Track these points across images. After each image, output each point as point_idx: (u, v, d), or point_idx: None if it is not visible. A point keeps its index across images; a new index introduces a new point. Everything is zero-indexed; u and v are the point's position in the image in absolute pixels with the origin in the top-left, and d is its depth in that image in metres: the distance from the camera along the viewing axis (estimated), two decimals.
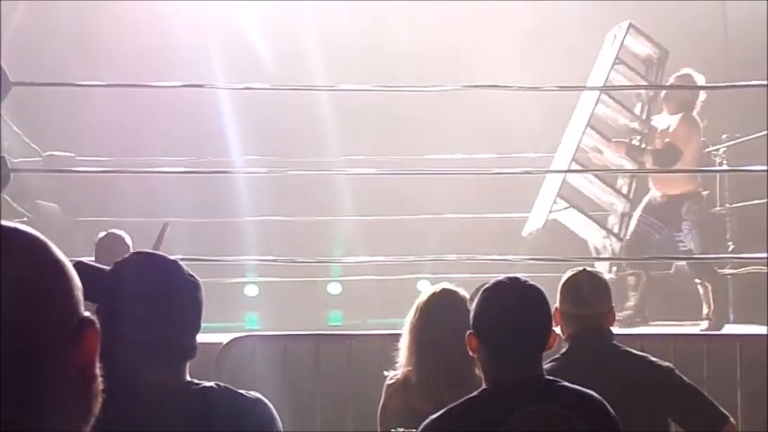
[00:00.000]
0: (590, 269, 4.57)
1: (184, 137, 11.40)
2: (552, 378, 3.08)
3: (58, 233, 10.29)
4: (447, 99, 10.63)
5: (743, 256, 9.84)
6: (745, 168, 9.76)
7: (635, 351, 4.33)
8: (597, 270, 4.66)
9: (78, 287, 1.16)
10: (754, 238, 9.23)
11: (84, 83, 8.73)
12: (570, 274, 4.45)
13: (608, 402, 3.06)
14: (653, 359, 4.29)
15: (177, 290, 2.61)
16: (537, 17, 10.76)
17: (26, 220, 10.32)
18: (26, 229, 1.15)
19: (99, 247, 7.06)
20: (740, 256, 9.93)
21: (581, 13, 10.93)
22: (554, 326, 3.20)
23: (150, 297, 2.57)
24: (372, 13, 12.04)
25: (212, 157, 11.32)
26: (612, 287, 4.56)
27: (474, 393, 3.06)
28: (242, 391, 2.63)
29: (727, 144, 10.47)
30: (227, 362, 6.08)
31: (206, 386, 2.59)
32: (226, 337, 6.37)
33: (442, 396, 3.57)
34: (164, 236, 6.84)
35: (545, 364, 3.20)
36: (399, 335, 4.37)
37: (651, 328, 8.59)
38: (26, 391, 1.09)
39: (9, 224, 1.15)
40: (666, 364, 4.31)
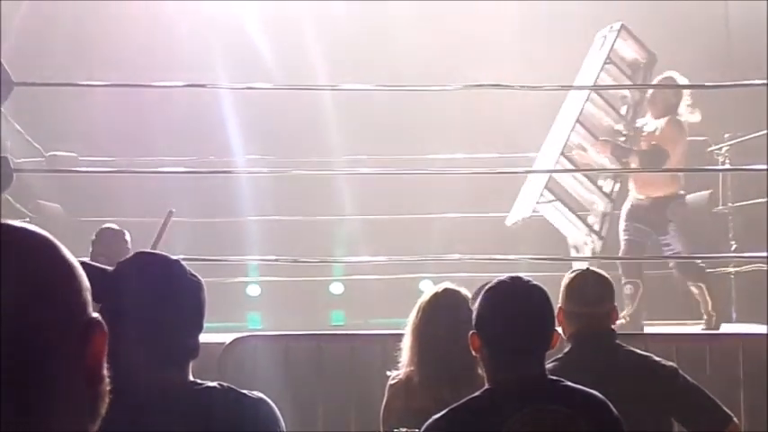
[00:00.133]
0: (594, 269, 4.57)
1: (187, 136, 11.40)
2: (555, 378, 3.08)
3: (60, 233, 10.30)
4: (450, 99, 10.62)
5: (742, 255, 9.84)
6: (745, 168, 9.76)
7: (638, 351, 4.33)
8: (601, 270, 4.63)
9: (87, 288, 1.16)
10: (758, 237, 9.22)
11: (87, 83, 8.74)
12: (575, 273, 4.44)
13: (611, 402, 3.06)
14: (656, 359, 4.28)
15: (180, 290, 2.61)
16: (539, 17, 10.76)
17: (29, 221, 10.32)
18: (36, 230, 1.15)
19: (96, 242, 7.03)
20: (740, 255, 9.93)
21: (584, 13, 10.92)
22: (556, 325, 3.19)
23: (153, 297, 2.57)
24: (375, 13, 12.04)
25: (215, 156, 11.32)
26: None
27: (476, 393, 3.06)
28: (245, 391, 2.62)
29: (729, 143, 10.47)
30: (229, 361, 6.08)
31: (209, 386, 2.59)
32: (228, 337, 6.37)
33: (445, 396, 3.57)
34: (168, 224, 6.85)
35: (547, 364, 3.19)
36: (401, 335, 4.36)
37: (654, 328, 8.57)
38: (34, 391, 1.09)
39: (19, 224, 1.15)
40: (670, 363, 4.31)
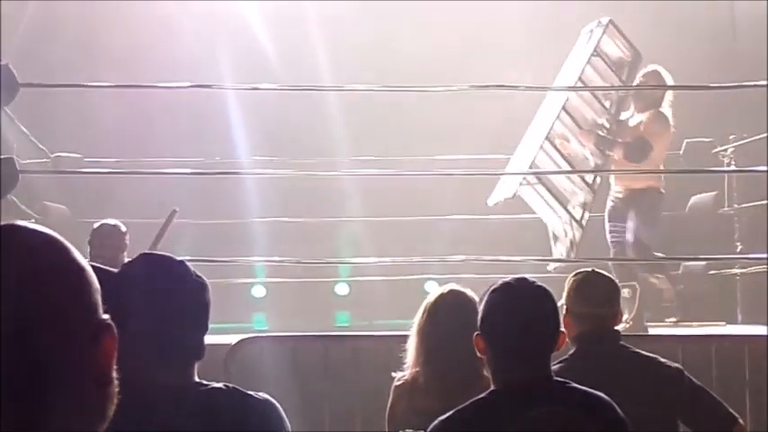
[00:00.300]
0: (598, 270, 4.57)
1: (192, 137, 11.41)
2: (561, 379, 3.08)
3: (66, 235, 10.31)
4: (454, 99, 10.62)
5: (746, 256, 9.83)
6: (745, 169, 9.74)
7: (643, 352, 4.32)
8: (604, 271, 4.63)
9: (97, 290, 1.17)
10: (763, 239, 9.21)
11: (92, 84, 8.74)
12: (581, 274, 4.44)
13: (616, 403, 3.06)
14: (662, 360, 4.28)
15: (184, 290, 2.62)
16: (543, 17, 10.75)
17: (34, 222, 10.32)
18: (47, 232, 1.15)
19: (94, 238, 6.99)
20: (743, 256, 9.91)
21: (587, 13, 10.91)
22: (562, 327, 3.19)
23: (158, 298, 2.57)
24: (380, 14, 12.04)
25: (220, 157, 11.33)
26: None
27: (482, 395, 3.06)
28: (250, 392, 2.63)
29: (734, 144, 10.46)
30: (235, 363, 6.08)
31: (214, 387, 2.59)
32: (234, 338, 6.38)
33: (450, 397, 3.56)
34: (170, 223, 6.85)
35: (553, 365, 3.19)
36: (407, 336, 4.36)
37: (659, 329, 8.56)
38: (44, 392, 1.10)
39: (30, 226, 1.15)
40: (675, 365, 4.31)
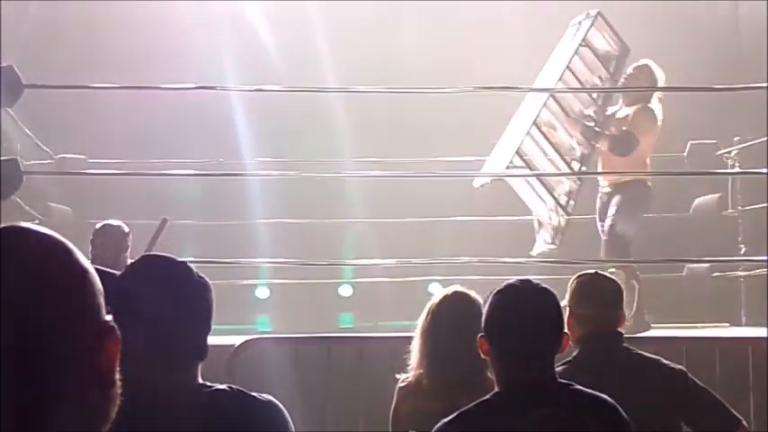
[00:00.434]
0: (601, 272, 4.57)
1: (196, 138, 11.41)
2: (565, 381, 3.08)
3: (69, 236, 10.32)
4: (458, 101, 10.62)
5: (745, 258, 9.82)
6: (745, 171, 9.73)
7: (647, 354, 4.32)
8: (608, 273, 4.63)
9: (101, 292, 1.17)
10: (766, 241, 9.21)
11: (96, 85, 8.75)
12: (585, 276, 4.44)
13: (620, 405, 3.06)
14: (665, 362, 4.28)
15: (186, 291, 2.62)
16: (546, 17, 10.74)
17: (38, 223, 10.33)
18: (51, 233, 1.16)
19: (96, 238, 6.98)
20: (742, 258, 9.91)
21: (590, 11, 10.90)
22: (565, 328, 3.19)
23: (160, 299, 2.58)
24: (384, 15, 12.04)
25: (224, 159, 11.34)
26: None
27: (486, 396, 3.06)
28: (254, 394, 2.63)
29: (738, 146, 10.45)
30: (239, 364, 6.08)
31: (218, 388, 2.59)
32: (238, 340, 6.38)
33: (454, 399, 3.57)
34: (161, 231, 6.85)
35: (556, 367, 3.19)
36: (411, 337, 4.36)
37: (663, 331, 8.55)
38: (47, 393, 1.10)
39: (34, 228, 1.16)
40: (679, 366, 4.31)
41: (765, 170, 8.47)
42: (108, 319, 1.17)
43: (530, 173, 8.58)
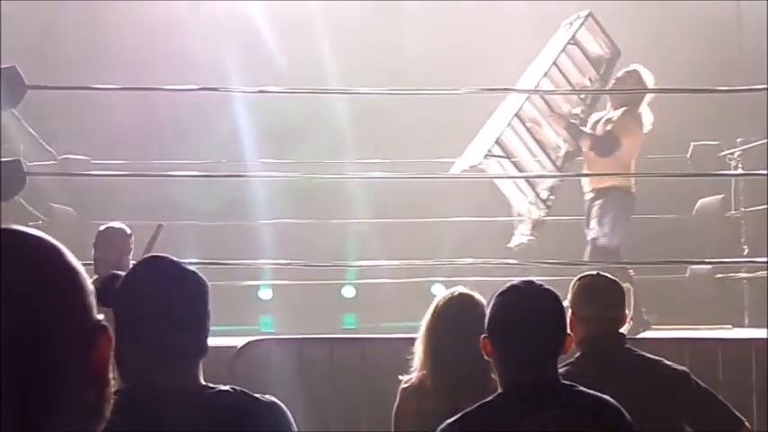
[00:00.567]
0: (604, 273, 4.57)
1: (199, 139, 11.42)
2: (568, 383, 3.08)
3: (72, 237, 10.34)
4: (461, 102, 10.61)
5: (748, 260, 9.82)
6: (749, 173, 9.72)
7: (650, 355, 4.32)
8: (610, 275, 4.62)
9: (91, 292, 1.17)
10: None
11: (99, 86, 8.75)
12: (587, 277, 4.44)
13: (623, 406, 3.06)
14: (668, 363, 4.27)
15: (183, 292, 2.63)
16: (550, 18, 10.73)
17: (41, 224, 10.35)
18: (42, 235, 1.16)
19: (98, 241, 6.95)
20: (745, 260, 9.90)
21: (595, 12, 10.89)
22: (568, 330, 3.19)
23: (158, 301, 2.60)
24: (387, 16, 12.04)
25: (227, 159, 11.34)
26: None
27: (489, 398, 3.06)
28: (257, 395, 2.63)
29: (741, 147, 10.45)
30: (242, 365, 6.09)
31: (221, 389, 2.60)
32: (241, 341, 6.38)
33: (457, 400, 3.57)
34: (157, 238, 6.84)
35: (559, 368, 3.19)
36: (413, 338, 4.36)
37: (666, 332, 8.55)
38: (42, 393, 1.10)
39: (25, 229, 1.16)
40: (682, 368, 4.30)
41: (764, 172, 8.46)
42: (99, 318, 1.17)
43: (518, 173, 8.57)
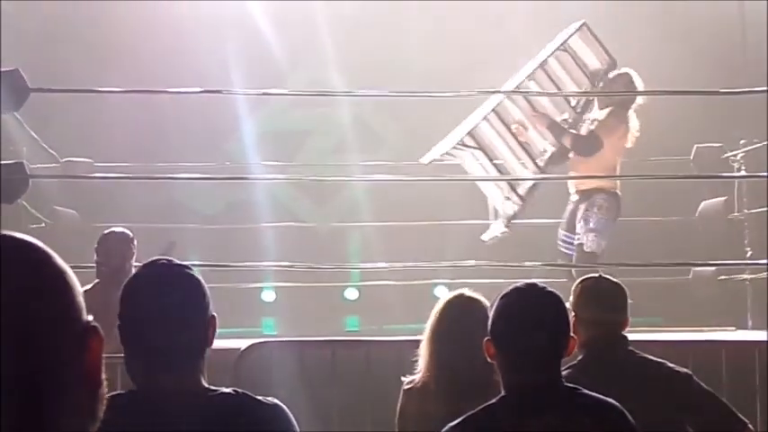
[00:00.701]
0: (606, 276, 4.57)
1: (202, 142, 11.43)
2: (571, 385, 3.08)
3: (76, 239, 10.34)
4: (465, 104, 10.60)
5: (751, 262, 9.81)
6: (751, 175, 9.71)
7: (653, 357, 4.32)
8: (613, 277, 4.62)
9: (80, 294, 1.18)
10: None
11: (102, 89, 8.76)
12: (590, 280, 4.44)
13: (625, 409, 3.06)
14: (671, 365, 4.27)
15: (186, 296, 2.64)
16: (554, 19, 10.73)
17: (44, 226, 10.36)
18: (29, 240, 1.17)
19: (100, 246, 6.94)
20: (748, 262, 9.89)
21: (598, 14, 10.88)
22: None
23: (160, 304, 2.61)
24: (390, 17, 12.04)
25: (230, 161, 11.35)
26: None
27: (493, 401, 3.05)
28: (260, 397, 2.63)
29: (744, 149, 10.44)
30: (244, 367, 6.08)
31: (224, 392, 2.60)
32: (243, 343, 6.38)
33: (461, 403, 3.56)
34: (168, 255, 6.84)
35: (562, 371, 3.19)
36: (417, 341, 4.36)
37: (669, 334, 8.54)
38: (36, 395, 1.11)
39: (11, 234, 1.17)
40: (684, 370, 4.30)
41: (761, 174, 8.44)
42: (89, 318, 1.18)
43: (496, 170, 8.52)
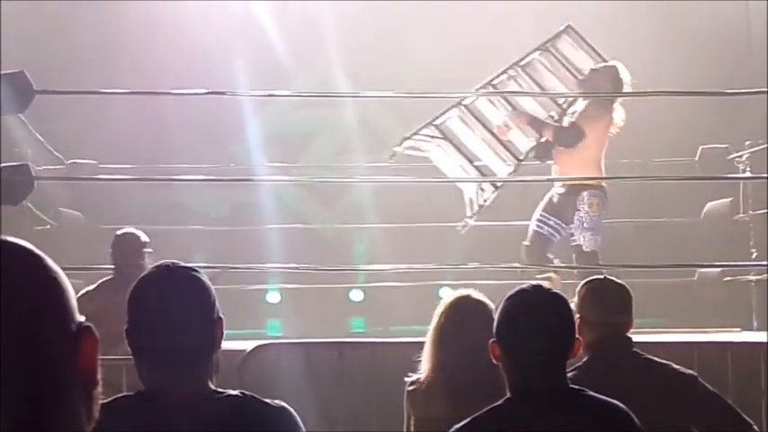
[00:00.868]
0: (610, 277, 4.57)
1: (207, 143, 11.43)
2: (577, 387, 3.08)
3: (81, 241, 10.35)
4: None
5: (757, 263, 9.79)
6: (755, 176, 9.70)
7: (658, 359, 4.32)
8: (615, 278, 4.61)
9: (72, 296, 1.19)
10: None
11: (107, 90, 8.77)
12: (595, 282, 4.44)
13: (630, 411, 3.06)
14: (676, 367, 4.27)
15: (193, 298, 2.64)
16: (558, 20, 10.73)
17: (50, 228, 10.37)
18: (22, 243, 1.18)
19: (114, 247, 6.92)
20: (754, 263, 9.87)
21: (601, 15, 10.87)
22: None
23: (166, 306, 2.61)
24: (394, 18, 12.04)
25: (234, 163, 11.36)
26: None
27: (498, 402, 3.05)
28: (267, 400, 2.63)
29: (750, 150, 10.43)
30: (250, 369, 6.09)
31: (231, 395, 2.60)
32: (249, 345, 6.38)
33: (466, 405, 3.57)
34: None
35: (567, 373, 3.19)
36: (422, 342, 4.36)
37: (674, 336, 8.53)
38: (32, 397, 1.12)
39: (5, 238, 1.18)
40: (689, 371, 4.30)
41: (762, 175, 8.42)
42: (82, 319, 1.19)
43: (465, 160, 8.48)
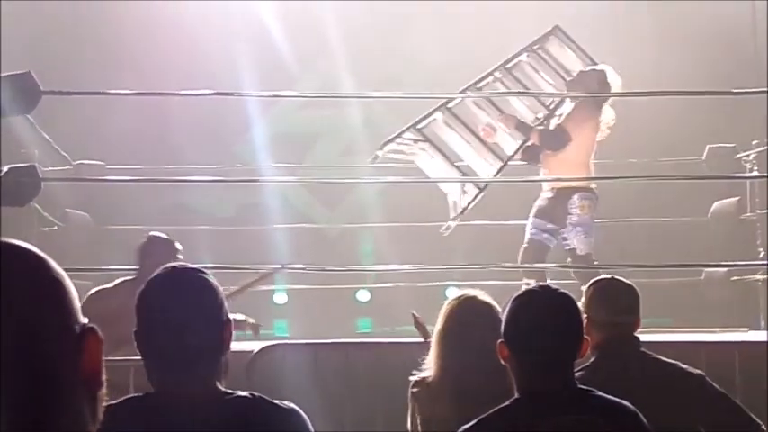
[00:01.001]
0: (618, 277, 4.56)
1: (213, 144, 11.44)
2: (585, 387, 3.08)
3: (88, 242, 10.37)
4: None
5: (764, 262, 9.78)
6: (761, 176, 9.68)
7: (665, 358, 4.32)
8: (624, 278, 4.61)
9: (75, 298, 1.20)
10: None
11: (114, 91, 8.78)
12: (602, 282, 4.44)
13: (638, 410, 3.06)
14: (683, 366, 4.27)
15: (201, 300, 2.65)
16: (559, 20, 10.72)
17: (57, 229, 10.39)
18: (25, 246, 1.19)
19: (146, 254, 6.74)
20: (761, 263, 9.87)
21: (605, 15, 10.88)
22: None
23: (175, 308, 2.62)
24: (396, 18, 12.05)
25: (241, 164, 11.36)
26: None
27: (506, 403, 3.05)
28: (276, 401, 2.64)
29: (757, 150, 10.41)
30: (257, 370, 6.09)
31: (240, 396, 2.60)
32: (256, 346, 6.39)
33: (473, 405, 3.57)
34: (263, 280, 6.96)
35: (575, 373, 3.19)
36: (429, 342, 4.36)
37: (681, 335, 8.52)
38: (37, 397, 1.13)
39: (8, 241, 1.18)
40: (697, 371, 4.30)
41: (762, 175, 8.41)
42: (85, 320, 1.19)
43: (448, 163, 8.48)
